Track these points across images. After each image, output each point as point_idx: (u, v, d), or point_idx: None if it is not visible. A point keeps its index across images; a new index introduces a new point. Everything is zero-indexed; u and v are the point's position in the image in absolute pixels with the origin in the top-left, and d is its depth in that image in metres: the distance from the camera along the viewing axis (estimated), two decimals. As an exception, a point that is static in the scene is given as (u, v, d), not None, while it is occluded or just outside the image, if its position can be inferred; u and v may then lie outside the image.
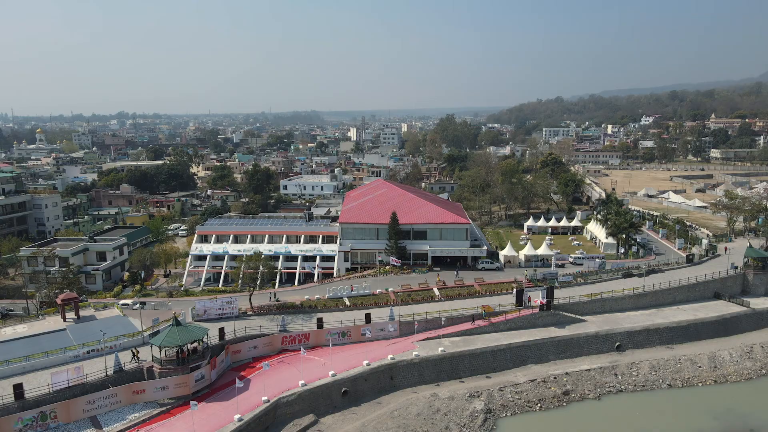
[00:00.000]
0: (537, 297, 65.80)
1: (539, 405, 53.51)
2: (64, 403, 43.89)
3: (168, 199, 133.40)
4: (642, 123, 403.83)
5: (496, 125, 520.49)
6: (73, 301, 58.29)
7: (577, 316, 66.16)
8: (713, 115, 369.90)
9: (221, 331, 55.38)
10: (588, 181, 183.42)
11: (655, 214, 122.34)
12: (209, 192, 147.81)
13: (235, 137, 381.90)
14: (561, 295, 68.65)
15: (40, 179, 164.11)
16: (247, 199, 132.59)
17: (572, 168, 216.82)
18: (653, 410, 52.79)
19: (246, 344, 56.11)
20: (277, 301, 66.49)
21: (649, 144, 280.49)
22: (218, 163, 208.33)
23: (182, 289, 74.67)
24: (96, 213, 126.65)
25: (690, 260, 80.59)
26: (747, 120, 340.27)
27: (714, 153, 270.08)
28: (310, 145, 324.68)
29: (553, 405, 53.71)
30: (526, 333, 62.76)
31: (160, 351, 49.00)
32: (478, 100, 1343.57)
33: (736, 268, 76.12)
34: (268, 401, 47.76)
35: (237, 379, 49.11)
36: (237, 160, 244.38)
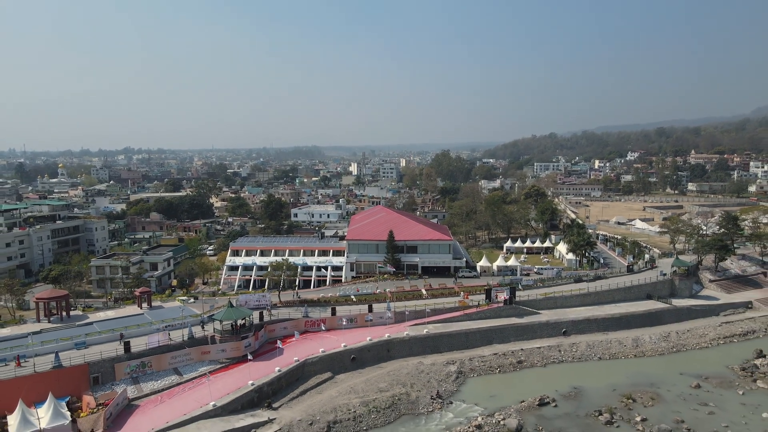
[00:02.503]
0: (503, 295, 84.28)
1: (499, 370, 71.37)
2: (156, 357, 62.05)
3: (194, 224, 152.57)
4: (628, 158, 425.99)
5: (491, 160, 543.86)
6: (146, 294, 76.84)
7: (534, 310, 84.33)
8: (693, 152, 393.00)
9: (261, 314, 73.81)
10: (568, 211, 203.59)
11: (618, 237, 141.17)
12: (230, 219, 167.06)
13: (243, 171, 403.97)
14: (522, 295, 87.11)
15: (75, 209, 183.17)
16: (263, 225, 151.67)
17: (556, 199, 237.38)
18: (584, 373, 70.49)
19: (278, 325, 74.30)
20: (299, 297, 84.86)
21: (628, 178, 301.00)
22: (232, 195, 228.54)
23: (220, 292, 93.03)
24: (132, 236, 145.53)
25: (630, 270, 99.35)
26: (725, 156, 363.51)
27: (691, 186, 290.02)
28: (314, 179, 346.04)
29: (510, 370, 71.57)
30: (493, 321, 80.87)
31: (221, 324, 67.39)
32: (475, 135, 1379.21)
33: (665, 275, 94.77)
34: (299, 361, 65.79)
35: (275, 347, 67.60)
36: (247, 192, 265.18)
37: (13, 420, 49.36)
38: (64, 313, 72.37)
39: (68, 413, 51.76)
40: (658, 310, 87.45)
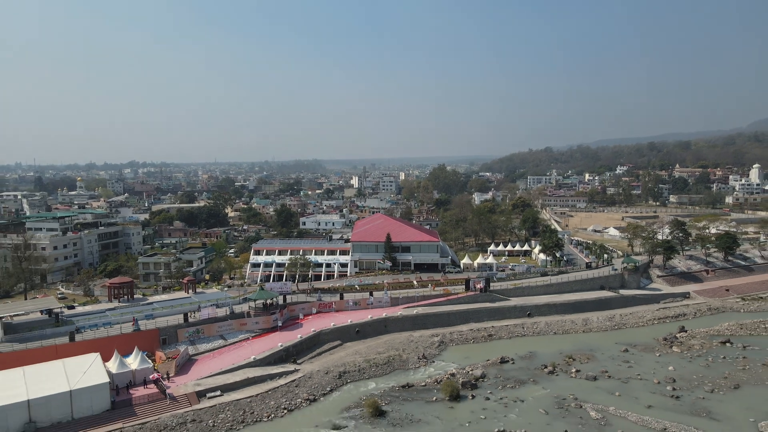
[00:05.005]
0: (480, 284, 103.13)
1: (473, 341, 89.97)
2: (207, 326, 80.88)
3: (214, 231, 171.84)
4: (617, 172, 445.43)
5: (487, 173, 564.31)
6: (192, 282, 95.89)
7: (505, 297, 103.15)
8: (678, 165, 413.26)
9: (284, 297, 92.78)
10: (552, 220, 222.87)
11: (590, 242, 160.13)
12: (245, 227, 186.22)
13: (250, 184, 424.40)
14: (496, 285, 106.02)
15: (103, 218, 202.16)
16: (275, 232, 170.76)
17: (542, 209, 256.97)
18: (540, 343, 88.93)
19: (297, 306, 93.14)
20: (313, 287, 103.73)
21: (612, 190, 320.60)
22: (244, 206, 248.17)
23: (246, 284, 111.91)
24: (161, 241, 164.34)
25: (589, 266, 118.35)
26: (708, 169, 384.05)
27: (672, 198, 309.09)
28: (317, 191, 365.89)
29: (482, 341, 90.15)
30: (470, 305, 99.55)
31: (254, 303, 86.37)
32: (474, 149, 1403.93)
33: (616, 270, 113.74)
34: (315, 331, 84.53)
35: (296, 322, 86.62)
36: (256, 203, 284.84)
37: (111, 364, 67.92)
38: (127, 296, 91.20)
39: (150, 361, 70.53)
40: (608, 297, 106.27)
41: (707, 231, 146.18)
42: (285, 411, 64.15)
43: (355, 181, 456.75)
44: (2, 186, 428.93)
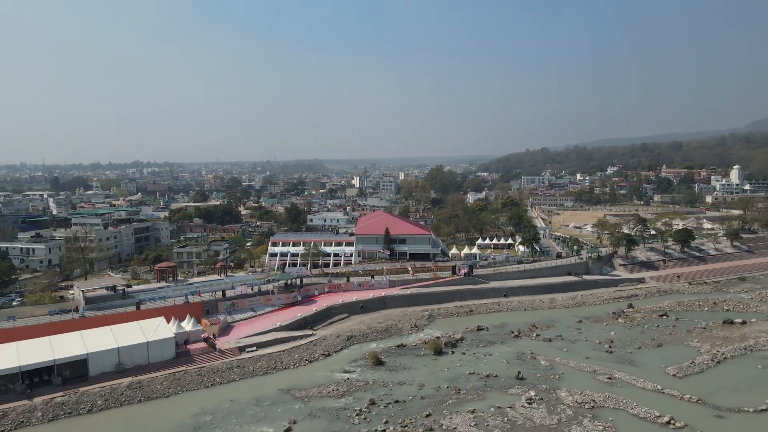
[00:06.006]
0: (464, 270, 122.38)
1: (456, 315, 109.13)
2: (240, 300, 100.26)
3: (232, 227, 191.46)
4: (607, 172, 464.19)
5: (484, 173, 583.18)
6: (223, 267, 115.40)
7: (485, 280, 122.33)
8: (664, 166, 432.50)
9: (301, 280, 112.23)
10: (539, 218, 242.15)
11: (567, 236, 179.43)
12: (258, 223, 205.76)
13: (256, 184, 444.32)
14: (478, 271, 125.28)
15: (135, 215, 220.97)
16: (286, 227, 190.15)
17: (531, 208, 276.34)
18: (512, 317, 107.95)
19: (312, 286, 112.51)
20: (324, 272, 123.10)
21: (599, 190, 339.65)
22: (254, 204, 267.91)
23: (267, 270, 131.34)
24: (184, 236, 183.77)
25: (559, 256, 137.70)
26: (693, 170, 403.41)
27: (656, 198, 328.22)
28: (321, 191, 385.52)
29: (464, 315, 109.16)
30: (455, 286, 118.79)
31: (277, 283, 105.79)
32: (474, 149, 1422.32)
33: (582, 258, 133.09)
34: (327, 306, 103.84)
35: (311, 299, 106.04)
36: (264, 202, 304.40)
37: (171, 326, 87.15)
38: (172, 278, 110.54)
39: (199, 325, 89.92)
40: (573, 281, 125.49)
41: (671, 227, 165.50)
42: (306, 362, 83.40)
43: (356, 181, 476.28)
44: (18, 185, 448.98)
